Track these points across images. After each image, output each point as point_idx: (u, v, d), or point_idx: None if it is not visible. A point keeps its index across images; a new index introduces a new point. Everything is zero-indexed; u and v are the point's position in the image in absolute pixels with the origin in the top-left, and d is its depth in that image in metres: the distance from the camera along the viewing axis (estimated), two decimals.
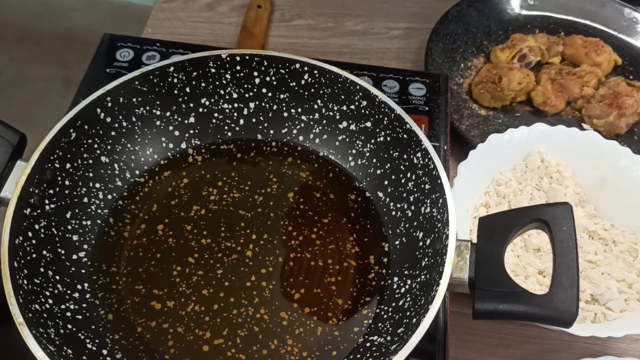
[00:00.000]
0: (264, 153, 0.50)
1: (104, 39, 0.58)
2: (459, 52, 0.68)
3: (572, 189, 0.54)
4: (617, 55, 0.67)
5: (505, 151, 0.54)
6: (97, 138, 0.45)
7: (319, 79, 0.47)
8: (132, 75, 0.45)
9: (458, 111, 0.63)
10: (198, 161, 0.49)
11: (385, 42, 0.70)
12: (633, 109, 0.61)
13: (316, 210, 0.47)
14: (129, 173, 0.47)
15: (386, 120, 0.46)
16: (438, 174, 0.41)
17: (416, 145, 0.43)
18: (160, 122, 0.48)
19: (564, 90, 0.63)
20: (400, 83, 0.57)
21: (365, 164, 0.48)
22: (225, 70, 0.48)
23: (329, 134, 0.49)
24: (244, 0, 0.73)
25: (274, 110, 0.50)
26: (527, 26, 0.71)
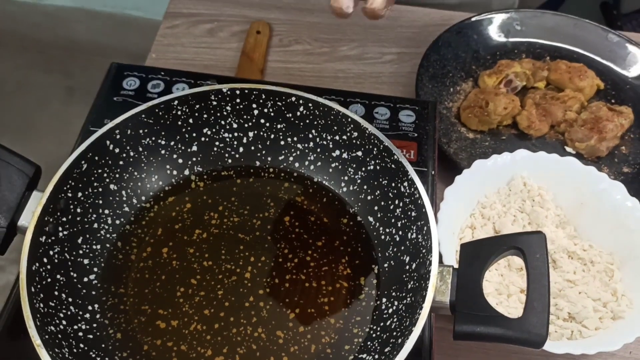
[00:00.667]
0: (262, 179, 0.53)
1: (111, 67, 0.62)
2: (448, 77, 0.71)
3: (553, 211, 0.57)
4: (600, 80, 0.71)
5: (490, 175, 0.57)
6: (107, 167, 0.48)
7: (314, 111, 0.51)
8: (139, 109, 0.48)
9: (447, 134, 0.66)
10: (200, 187, 0.52)
11: (378, 67, 0.73)
12: (613, 133, 0.65)
13: (310, 234, 0.50)
14: (135, 199, 0.50)
15: (375, 150, 0.49)
16: (423, 203, 0.44)
17: (403, 175, 0.47)
18: (164, 151, 0.51)
19: (547, 114, 0.67)
20: (390, 110, 0.60)
21: (357, 190, 0.51)
22: (226, 103, 0.51)
23: (322, 161, 0.52)
24: (243, 25, 0.76)
25: (271, 139, 0.53)
26: (514, 51, 0.74)
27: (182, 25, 0.76)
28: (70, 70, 1.82)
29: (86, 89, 1.82)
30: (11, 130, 1.70)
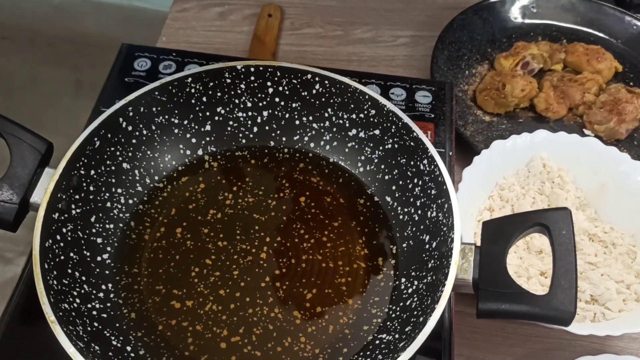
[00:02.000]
0: (276, 159, 0.52)
1: (122, 48, 0.61)
2: (463, 60, 0.70)
3: (573, 193, 0.56)
4: (618, 63, 0.69)
5: (509, 157, 0.56)
6: (119, 146, 0.47)
7: (330, 88, 0.50)
8: (152, 86, 0.48)
9: (463, 117, 0.65)
10: (214, 167, 0.51)
11: (392, 50, 0.72)
12: (633, 115, 0.63)
13: (327, 214, 0.49)
14: (148, 179, 0.49)
15: (394, 128, 0.48)
16: (444, 180, 0.43)
17: (423, 153, 0.46)
18: (178, 130, 0.50)
19: (565, 96, 0.65)
20: (407, 91, 0.59)
21: (374, 169, 0.50)
22: (240, 81, 0.50)
23: (339, 141, 0.51)
24: (254, 9, 0.75)
25: (286, 119, 0.52)
26: (530, 34, 0.73)
27: (192, 9, 0.75)
28: (79, 64, 1.82)
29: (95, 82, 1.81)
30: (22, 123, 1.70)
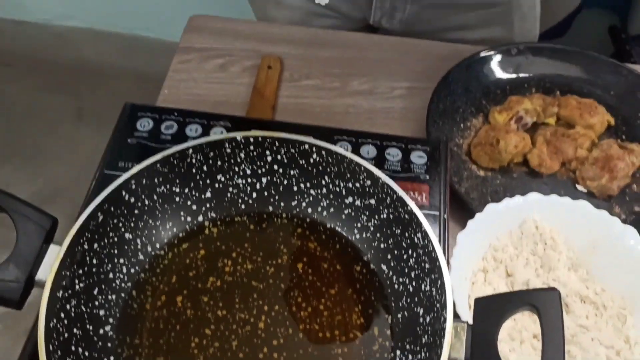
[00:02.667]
0: (275, 224, 0.53)
1: (125, 108, 0.62)
2: (458, 113, 0.71)
3: (565, 254, 0.57)
4: (610, 115, 0.71)
5: (502, 218, 0.57)
6: (122, 217, 0.48)
7: (327, 158, 0.51)
8: (154, 159, 0.49)
9: (458, 173, 0.66)
10: (214, 233, 0.53)
11: (389, 102, 0.74)
12: (624, 172, 0.65)
13: (324, 281, 0.50)
14: (150, 247, 0.51)
15: (389, 199, 0.49)
16: (437, 257, 0.44)
17: (416, 226, 0.47)
18: (179, 198, 0.52)
19: (558, 152, 0.67)
20: (402, 151, 0.60)
21: (370, 237, 0.51)
22: (240, 150, 0.52)
23: (335, 208, 0.53)
24: (255, 60, 0.77)
25: (284, 185, 0.53)
26: (524, 85, 0.75)
27: (194, 60, 0.77)
28: (80, 91, 1.84)
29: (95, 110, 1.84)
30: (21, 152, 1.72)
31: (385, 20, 0.83)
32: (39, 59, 1.86)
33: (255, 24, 0.83)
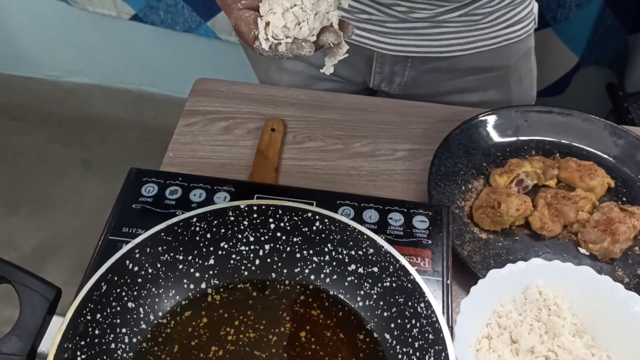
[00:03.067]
0: (277, 291, 0.53)
1: (130, 173, 0.63)
2: (459, 175, 0.72)
3: (570, 320, 0.57)
4: (610, 178, 0.71)
5: (505, 284, 0.57)
6: (125, 286, 0.49)
7: (329, 226, 0.52)
8: (158, 228, 0.50)
9: (460, 236, 0.66)
10: (217, 300, 0.53)
11: (391, 164, 0.75)
12: (626, 235, 0.65)
13: (327, 350, 0.50)
14: (152, 315, 0.51)
15: (392, 268, 0.49)
16: (441, 328, 0.44)
17: (420, 296, 0.47)
18: (182, 266, 0.52)
19: (560, 215, 0.67)
20: (404, 216, 0.61)
21: (373, 305, 0.51)
22: (243, 218, 0.52)
23: (338, 275, 0.53)
24: (258, 123, 0.78)
25: (287, 252, 0.54)
26: (524, 147, 0.76)
27: (199, 123, 0.78)
28: (87, 143, 1.86)
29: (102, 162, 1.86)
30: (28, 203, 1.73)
31: (384, 85, 0.85)
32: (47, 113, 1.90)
33: (259, 87, 0.84)
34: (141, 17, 1.50)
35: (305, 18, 0.43)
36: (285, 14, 0.43)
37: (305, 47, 0.44)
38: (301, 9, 0.43)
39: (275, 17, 0.43)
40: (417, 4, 0.74)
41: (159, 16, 1.48)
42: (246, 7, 0.45)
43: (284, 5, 0.43)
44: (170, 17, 1.47)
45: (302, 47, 0.44)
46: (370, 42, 0.78)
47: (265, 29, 0.44)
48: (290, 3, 0.43)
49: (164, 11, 1.46)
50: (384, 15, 0.76)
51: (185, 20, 1.46)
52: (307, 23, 0.43)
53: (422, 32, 0.76)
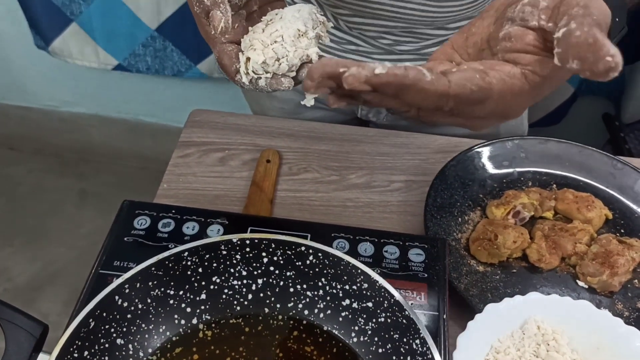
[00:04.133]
0: (270, 327, 0.52)
1: (123, 206, 0.62)
2: (456, 206, 0.72)
3: (569, 355, 0.56)
4: (608, 210, 0.71)
5: (503, 319, 0.56)
6: (114, 322, 0.47)
7: (323, 260, 0.51)
8: (149, 263, 0.49)
9: (457, 268, 0.66)
10: (208, 336, 0.51)
11: (386, 195, 0.74)
12: (625, 268, 0.64)
13: None
14: (142, 352, 0.49)
15: (386, 303, 0.48)
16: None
17: (415, 332, 0.46)
18: (173, 301, 0.51)
19: (557, 247, 0.66)
20: (400, 249, 0.60)
21: (368, 341, 0.50)
22: (236, 252, 0.51)
23: (332, 310, 0.52)
24: (254, 154, 0.78)
25: (280, 286, 0.53)
26: (521, 179, 0.75)
27: (194, 154, 0.78)
28: (84, 173, 1.86)
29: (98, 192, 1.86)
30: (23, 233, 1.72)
31: (372, 115, 0.85)
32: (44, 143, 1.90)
33: (254, 118, 0.84)
34: (125, 66, 1.48)
35: (284, 54, 0.43)
36: (265, 50, 0.43)
37: (284, 82, 0.44)
38: (281, 45, 0.43)
39: (255, 54, 0.43)
40: (402, 38, 0.75)
41: (145, 63, 1.46)
42: (229, 41, 0.46)
43: (264, 42, 0.43)
44: (159, 62, 1.45)
45: (281, 82, 0.44)
46: None
47: (246, 64, 0.44)
48: (270, 40, 0.43)
49: (151, 57, 1.43)
50: (370, 47, 0.77)
51: (175, 64, 1.44)
52: (286, 59, 0.43)
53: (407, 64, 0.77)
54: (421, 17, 0.70)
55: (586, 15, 0.35)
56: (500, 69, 0.39)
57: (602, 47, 0.33)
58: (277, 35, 0.43)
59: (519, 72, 0.39)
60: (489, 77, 0.38)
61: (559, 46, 0.35)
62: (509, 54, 0.40)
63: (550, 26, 0.38)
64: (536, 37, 0.39)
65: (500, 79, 0.39)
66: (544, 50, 0.39)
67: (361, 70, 0.34)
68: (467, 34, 0.44)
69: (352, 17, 0.73)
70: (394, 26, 0.72)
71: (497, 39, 0.41)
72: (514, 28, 0.40)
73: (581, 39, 0.34)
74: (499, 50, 0.40)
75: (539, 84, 0.40)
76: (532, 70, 0.39)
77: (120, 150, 1.87)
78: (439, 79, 0.36)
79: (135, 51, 1.43)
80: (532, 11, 0.39)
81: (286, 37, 0.43)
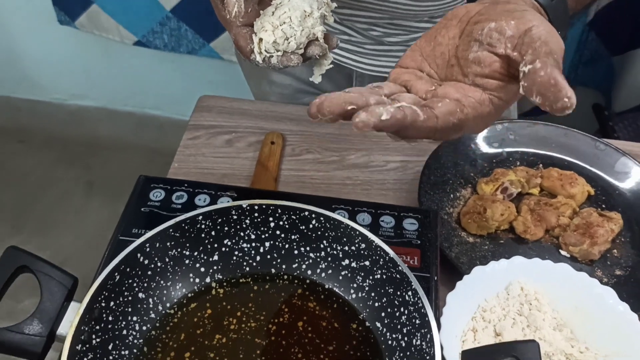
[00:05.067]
0: (277, 285, 0.57)
1: (139, 180, 0.67)
2: (448, 184, 0.77)
3: (550, 314, 0.61)
4: (590, 187, 0.76)
5: (489, 281, 0.61)
6: (137, 278, 0.53)
7: (325, 224, 0.56)
8: (167, 225, 0.54)
9: (448, 239, 0.71)
10: (220, 294, 0.57)
11: (383, 174, 0.79)
12: (604, 238, 0.69)
13: (322, 338, 0.54)
14: (161, 306, 0.54)
15: (382, 261, 0.54)
16: (426, 312, 0.48)
17: (407, 285, 0.51)
18: (188, 261, 0.56)
19: (542, 220, 0.72)
20: (395, 219, 0.65)
21: (365, 296, 0.55)
22: (245, 217, 0.57)
23: (333, 270, 0.57)
24: (259, 136, 0.83)
25: (286, 249, 0.58)
26: (509, 159, 0.80)
27: (202, 137, 0.83)
28: (91, 165, 1.91)
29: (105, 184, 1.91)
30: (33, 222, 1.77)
31: None
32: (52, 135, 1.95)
33: (259, 103, 0.90)
34: (144, 42, 1.56)
35: (292, 34, 0.49)
36: (275, 31, 0.49)
37: (294, 59, 0.50)
38: (289, 26, 0.48)
39: (267, 34, 0.49)
40: (391, 30, 0.80)
41: (162, 40, 1.55)
42: (244, 24, 0.51)
43: (274, 24, 0.49)
44: (175, 40, 1.54)
45: (291, 59, 0.50)
46: (350, 61, 0.84)
47: (258, 44, 0.49)
48: (279, 21, 0.49)
49: (167, 35, 1.53)
50: (362, 38, 0.82)
51: (189, 42, 1.53)
52: (294, 38, 0.49)
53: (397, 54, 0.82)
54: (404, 11, 0.76)
55: (548, 54, 0.40)
56: (472, 95, 0.45)
57: (562, 89, 0.38)
58: (285, 17, 0.49)
59: (487, 99, 0.45)
60: (466, 109, 0.44)
61: (525, 80, 0.40)
62: (478, 78, 0.45)
63: (516, 55, 0.43)
64: (502, 64, 0.44)
65: (473, 107, 0.44)
66: (508, 76, 0.44)
67: (370, 117, 0.39)
68: (434, 43, 0.48)
69: (341, 8, 0.78)
70: (380, 18, 0.78)
71: (467, 59, 0.46)
72: (483, 53, 0.45)
73: (544, 79, 0.39)
74: (470, 73, 0.45)
75: (502, 107, 0.46)
76: (497, 96, 0.45)
77: (127, 143, 1.92)
78: (430, 118, 0.42)
79: (153, 29, 1.52)
80: (500, 38, 0.44)
81: (293, 18, 0.48)
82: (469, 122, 0.44)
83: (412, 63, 0.49)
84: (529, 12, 0.44)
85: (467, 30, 0.46)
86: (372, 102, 0.41)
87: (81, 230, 1.76)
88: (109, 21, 1.53)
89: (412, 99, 0.45)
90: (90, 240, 1.71)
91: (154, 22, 1.51)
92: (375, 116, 0.39)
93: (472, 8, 0.47)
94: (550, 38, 0.41)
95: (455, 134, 0.44)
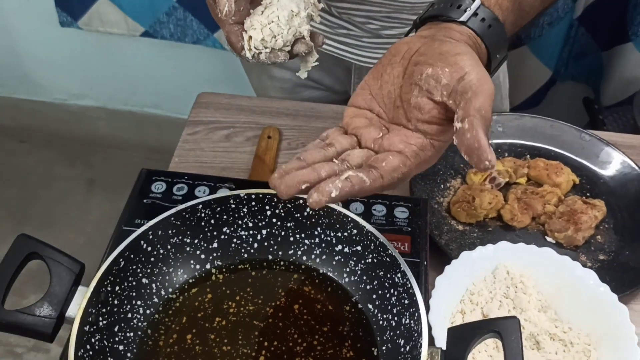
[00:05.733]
0: (274, 271, 0.60)
1: (141, 173, 0.70)
2: (439, 175, 0.79)
3: (535, 296, 0.64)
4: (575, 176, 0.79)
5: (476, 265, 0.64)
6: (140, 264, 0.55)
7: (318, 211, 0.59)
8: (169, 213, 0.57)
9: (438, 227, 0.74)
10: (220, 279, 0.59)
11: None
12: (588, 224, 0.72)
13: (317, 320, 0.57)
14: (163, 291, 0.57)
15: (372, 245, 0.56)
16: (414, 292, 0.51)
17: (397, 267, 0.54)
18: (189, 248, 0.59)
19: (528, 207, 0.74)
20: (386, 207, 0.68)
21: (358, 280, 0.58)
22: (243, 206, 0.59)
23: (327, 255, 0.60)
24: (256, 131, 0.86)
25: (282, 236, 0.61)
26: (498, 150, 0.83)
27: (202, 132, 0.86)
28: (92, 163, 1.94)
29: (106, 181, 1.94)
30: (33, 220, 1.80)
31: None
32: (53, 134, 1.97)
33: (256, 99, 0.92)
34: (151, 33, 1.60)
35: (280, 32, 0.52)
36: (264, 29, 0.52)
37: (281, 55, 0.53)
38: (277, 24, 0.52)
39: (256, 32, 0.52)
40: (388, 23, 0.83)
41: (168, 30, 1.58)
42: (235, 22, 0.54)
43: (263, 22, 0.52)
44: (180, 31, 1.57)
45: (278, 56, 0.53)
46: (348, 54, 0.87)
47: (248, 41, 0.53)
48: (268, 20, 0.52)
49: (174, 25, 1.56)
50: (360, 31, 0.85)
51: (194, 32, 1.56)
52: (281, 36, 0.52)
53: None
54: (402, 4, 0.78)
55: (477, 110, 0.43)
56: (415, 142, 0.49)
57: (484, 152, 0.43)
58: (273, 16, 0.52)
59: (429, 144, 0.49)
60: (408, 161, 0.48)
61: (456, 137, 0.45)
62: (419, 123, 0.49)
63: (451, 103, 0.46)
64: (439, 110, 0.48)
65: (415, 156, 0.48)
66: (447, 120, 0.48)
67: (321, 197, 0.45)
68: (381, 82, 0.52)
69: (340, 2, 0.81)
70: (378, 11, 0.80)
71: (409, 104, 0.49)
72: (422, 100, 0.48)
73: (470, 142, 0.43)
74: (412, 118, 0.49)
75: (443, 147, 0.50)
76: (438, 139, 0.49)
77: (127, 142, 1.94)
78: (375, 179, 0.46)
79: (159, 19, 1.56)
80: (436, 86, 0.47)
81: (281, 17, 0.52)
82: (412, 171, 0.49)
83: (363, 103, 0.53)
84: (462, 56, 0.47)
85: (409, 70, 0.50)
86: (324, 175, 0.46)
87: (82, 227, 1.78)
88: (116, 13, 1.56)
89: (360, 157, 0.49)
90: (91, 237, 1.74)
91: (161, 12, 1.54)
92: (326, 195, 0.45)
93: (413, 45, 0.50)
94: (481, 87, 0.45)
95: (401, 183, 0.49)
